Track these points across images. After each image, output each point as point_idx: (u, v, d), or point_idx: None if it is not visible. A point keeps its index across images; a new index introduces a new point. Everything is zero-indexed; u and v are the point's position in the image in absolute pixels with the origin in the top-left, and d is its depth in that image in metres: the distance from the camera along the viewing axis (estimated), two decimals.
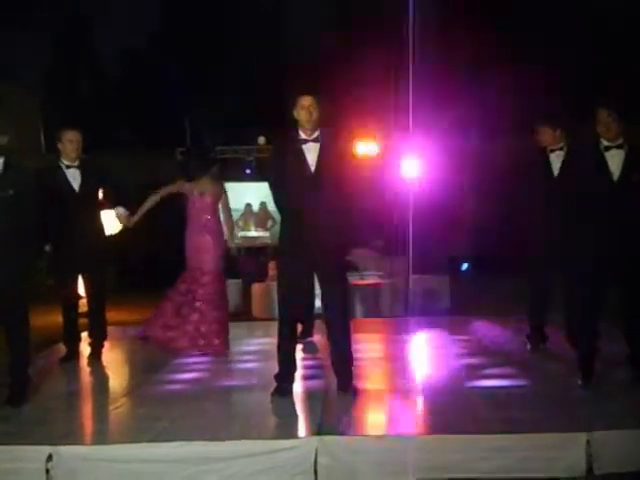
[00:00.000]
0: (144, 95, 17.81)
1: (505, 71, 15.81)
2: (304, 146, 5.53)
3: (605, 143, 5.59)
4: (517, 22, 17.01)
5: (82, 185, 6.91)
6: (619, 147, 5.57)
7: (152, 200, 7.60)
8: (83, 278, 7.21)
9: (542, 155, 6.88)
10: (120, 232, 10.51)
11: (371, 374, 6.38)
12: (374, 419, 5.23)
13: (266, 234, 14.77)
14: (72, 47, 19.23)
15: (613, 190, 5.54)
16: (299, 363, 6.18)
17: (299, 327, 6.74)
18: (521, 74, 15.76)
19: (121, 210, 7.20)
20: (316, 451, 4.53)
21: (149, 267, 15.20)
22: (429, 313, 10.23)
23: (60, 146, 6.94)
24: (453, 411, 5.20)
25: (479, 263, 14.22)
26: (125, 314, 11.15)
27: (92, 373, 6.83)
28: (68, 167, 6.91)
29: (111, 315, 8.65)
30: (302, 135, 5.56)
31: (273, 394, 5.62)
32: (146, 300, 12.76)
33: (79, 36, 19.62)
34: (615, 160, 5.56)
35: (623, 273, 5.61)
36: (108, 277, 9.69)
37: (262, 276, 11.94)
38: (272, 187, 5.76)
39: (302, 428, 5.05)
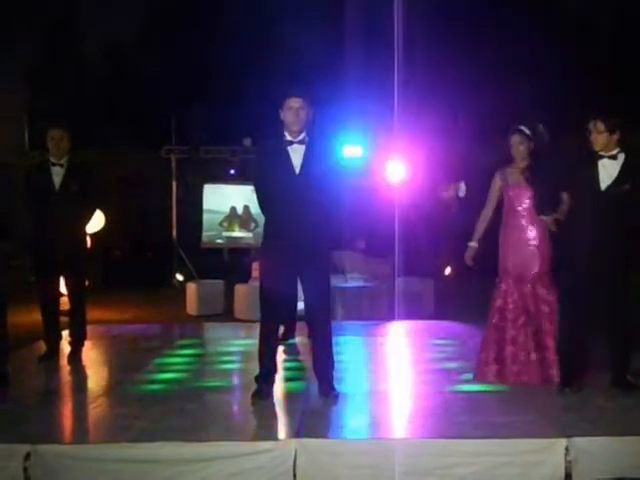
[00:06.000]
0: (129, 93, 17.75)
1: (493, 73, 15.87)
2: (289, 147, 5.53)
3: (597, 152, 5.60)
4: (506, 27, 17.07)
5: (62, 184, 6.91)
6: (612, 158, 5.57)
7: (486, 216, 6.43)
8: (63, 277, 7.19)
9: None
10: (104, 230, 10.54)
11: (352, 377, 6.37)
12: (354, 422, 5.21)
13: (249, 235, 14.79)
14: (57, 44, 19.16)
15: (598, 199, 5.55)
16: (280, 365, 6.17)
17: (281, 328, 6.73)
18: (508, 76, 15.82)
19: None
20: (295, 453, 4.53)
21: (134, 265, 15.18)
22: (413, 316, 10.25)
23: (47, 144, 6.98)
24: (433, 415, 5.21)
25: (463, 267, 14.26)
26: (109, 313, 11.13)
27: (72, 372, 6.79)
28: (54, 165, 6.94)
29: (94, 313, 8.64)
30: (288, 136, 5.55)
31: (253, 396, 5.60)
32: (130, 299, 12.80)
33: (64, 33, 19.56)
34: (605, 170, 5.57)
35: (605, 284, 5.62)
36: (93, 275, 9.68)
37: (245, 277, 11.91)
38: (256, 188, 5.74)
39: (282, 430, 5.03)
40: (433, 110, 15.55)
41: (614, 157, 5.57)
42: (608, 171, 5.56)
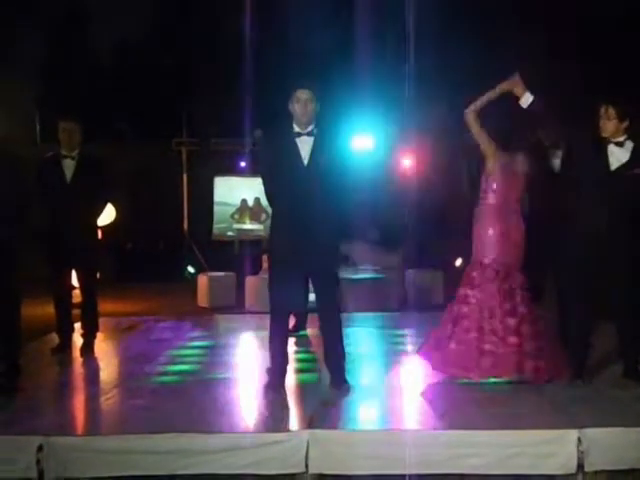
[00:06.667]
0: (140, 86, 17.75)
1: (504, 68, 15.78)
2: (298, 139, 5.51)
3: (605, 138, 5.58)
4: (517, 21, 16.98)
5: (74, 176, 6.93)
6: (618, 144, 5.54)
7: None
8: (75, 270, 7.22)
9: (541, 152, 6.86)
10: (115, 223, 10.55)
11: (364, 369, 6.38)
12: (365, 413, 5.23)
13: (260, 227, 14.80)
14: (69, 37, 19.19)
15: (607, 182, 5.53)
16: (291, 357, 6.18)
17: (292, 320, 6.74)
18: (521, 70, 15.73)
19: None
20: (307, 444, 4.53)
21: (145, 258, 15.21)
22: (423, 308, 10.24)
23: (58, 136, 7.00)
24: (444, 407, 5.20)
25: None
26: (120, 305, 11.15)
27: (84, 364, 6.82)
28: (65, 157, 6.96)
29: (106, 306, 8.66)
30: (296, 128, 5.54)
31: (265, 387, 5.62)
32: (141, 291, 12.83)
33: (76, 26, 19.58)
34: (613, 156, 5.55)
35: (614, 268, 5.61)
36: (104, 268, 9.71)
37: (256, 269, 11.91)
38: (264, 180, 5.74)
39: (294, 421, 5.05)
40: (444, 100, 15.50)
41: (621, 144, 5.55)
42: (616, 157, 5.55)
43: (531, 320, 5.81)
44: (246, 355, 7.21)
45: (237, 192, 14.89)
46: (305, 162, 5.48)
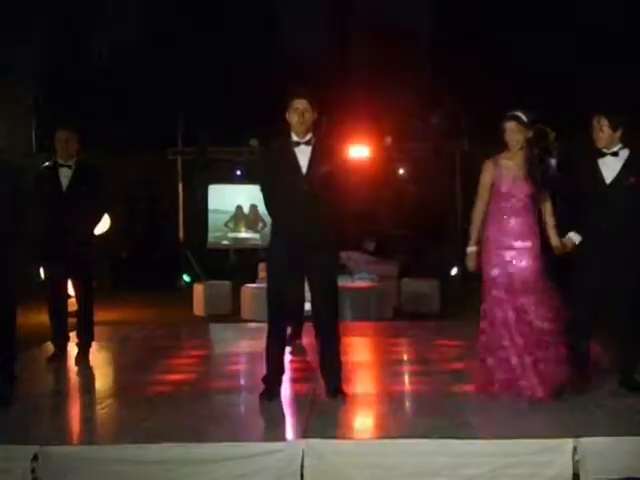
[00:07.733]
0: (136, 94, 17.79)
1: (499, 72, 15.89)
2: (296, 149, 5.53)
3: (600, 149, 5.59)
4: (513, 25, 17.08)
5: (70, 185, 6.92)
6: (614, 154, 5.55)
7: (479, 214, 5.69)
8: (71, 279, 7.21)
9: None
10: (111, 232, 10.56)
11: (360, 378, 6.37)
12: (361, 423, 5.23)
13: (256, 236, 14.80)
14: (65, 46, 19.21)
15: (605, 194, 5.54)
16: (287, 366, 6.18)
17: (288, 329, 6.73)
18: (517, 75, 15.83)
19: None
20: (303, 454, 4.52)
21: (141, 266, 15.22)
22: (419, 317, 10.25)
23: (55, 145, 7.01)
24: (440, 415, 5.19)
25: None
26: (116, 314, 11.15)
27: (79, 373, 6.80)
28: (61, 166, 6.96)
29: (102, 315, 8.65)
30: (294, 138, 5.56)
31: (261, 397, 5.60)
32: (137, 300, 12.83)
33: (72, 34, 19.61)
34: (607, 166, 5.56)
35: (613, 278, 5.61)
36: (100, 277, 9.71)
37: (252, 277, 11.93)
38: (262, 189, 5.75)
39: (289, 431, 5.04)
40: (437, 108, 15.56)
41: (616, 154, 5.56)
42: (610, 167, 5.55)
43: None
44: (242, 364, 7.19)
45: (231, 199, 14.91)
46: (304, 171, 5.49)
